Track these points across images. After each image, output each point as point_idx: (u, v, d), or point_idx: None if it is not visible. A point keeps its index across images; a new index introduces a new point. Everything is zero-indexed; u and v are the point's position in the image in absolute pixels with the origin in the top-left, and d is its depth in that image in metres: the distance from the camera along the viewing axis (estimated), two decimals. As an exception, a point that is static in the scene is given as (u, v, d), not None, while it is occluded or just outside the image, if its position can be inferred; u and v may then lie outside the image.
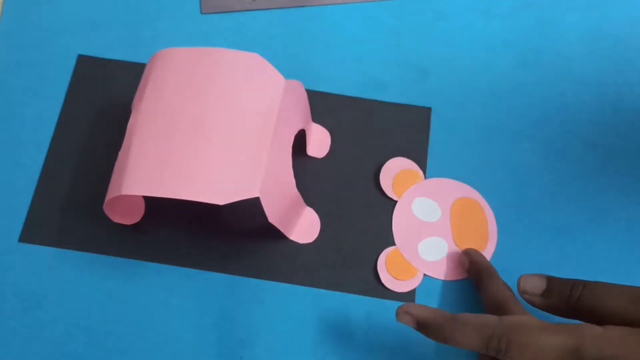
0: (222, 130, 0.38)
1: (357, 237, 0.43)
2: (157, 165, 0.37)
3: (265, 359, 0.40)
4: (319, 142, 0.45)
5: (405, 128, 0.46)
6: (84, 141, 0.45)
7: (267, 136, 0.38)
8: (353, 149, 0.45)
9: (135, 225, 0.43)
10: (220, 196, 0.36)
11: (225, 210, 0.44)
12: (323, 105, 0.46)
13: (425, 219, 0.44)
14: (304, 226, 0.43)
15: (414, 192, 0.44)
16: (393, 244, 0.43)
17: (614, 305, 0.33)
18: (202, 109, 0.38)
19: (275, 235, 0.42)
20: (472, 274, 0.41)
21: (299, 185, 0.42)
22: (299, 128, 0.42)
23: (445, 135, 0.46)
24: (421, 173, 0.44)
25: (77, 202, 0.44)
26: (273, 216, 0.39)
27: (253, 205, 0.43)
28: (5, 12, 0.49)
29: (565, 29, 0.49)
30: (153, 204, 0.44)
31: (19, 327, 0.41)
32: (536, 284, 0.37)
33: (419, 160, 0.45)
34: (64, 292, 0.42)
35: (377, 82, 0.47)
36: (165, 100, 0.39)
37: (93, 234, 0.43)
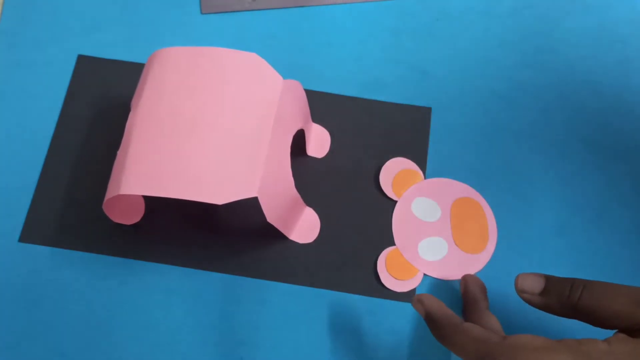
0: (221, 130, 0.38)
1: (357, 237, 0.43)
2: (155, 165, 0.37)
3: (265, 359, 0.40)
4: (319, 142, 0.45)
5: (406, 128, 0.46)
6: (83, 141, 0.45)
7: (265, 136, 0.38)
8: (353, 149, 0.45)
9: (134, 225, 0.43)
10: (219, 196, 0.36)
11: (224, 210, 0.44)
12: (323, 105, 0.46)
13: (425, 218, 0.43)
14: (304, 226, 0.43)
15: (414, 192, 0.44)
16: (393, 243, 0.43)
17: (617, 308, 0.32)
18: (200, 109, 0.38)
19: (275, 235, 0.42)
20: (464, 299, 0.41)
21: (299, 185, 0.42)
22: (298, 128, 0.41)
23: (445, 135, 0.46)
24: (421, 173, 0.44)
25: (77, 202, 0.44)
26: (272, 216, 0.39)
27: (252, 205, 0.43)
28: (5, 12, 0.49)
29: (566, 29, 0.49)
30: (152, 204, 0.44)
31: (19, 326, 0.41)
32: (534, 283, 0.36)
33: (419, 160, 0.45)
34: (64, 291, 0.42)
35: (377, 82, 0.47)
36: (164, 99, 0.39)
37: (93, 233, 0.43)
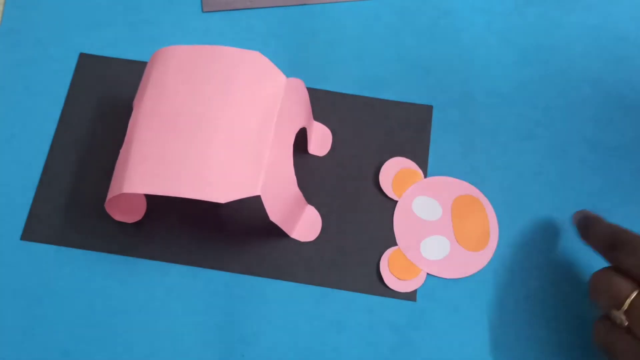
0: (223, 128, 0.38)
1: (359, 235, 0.43)
2: (158, 164, 0.37)
3: (266, 357, 0.40)
4: (321, 141, 0.45)
5: (407, 126, 0.46)
6: (85, 139, 0.45)
7: (268, 134, 0.38)
8: (355, 147, 0.45)
9: (137, 224, 0.43)
10: (221, 194, 0.36)
11: (226, 208, 0.44)
12: (324, 104, 0.46)
13: (426, 217, 0.43)
14: (306, 224, 0.43)
15: (414, 191, 0.44)
16: (394, 242, 0.43)
17: None
18: (203, 107, 0.38)
19: (277, 233, 0.42)
20: (577, 224, 0.41)
21: (301, 184, 0.42)
22: (300, 126, 0.41)
23: (447, 133, 0.46)
24: (421, 172, 0.44)
25: (79, 201, 0.44)
26: (274, 214, 0.39)
27: (255, 204, 0.43)
28: (7, 11, 0.49)
29: (568, 27, 0.49)
30: (155, 202, 0.44)
31: (21, 324, 0.41)
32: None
33: (420, 158, 0.45)
34: (66, 290, 0.42)
35: (378, 80, 0.47)
36: (166, 98, 0.39)
37: (95, 232, 0.43)
